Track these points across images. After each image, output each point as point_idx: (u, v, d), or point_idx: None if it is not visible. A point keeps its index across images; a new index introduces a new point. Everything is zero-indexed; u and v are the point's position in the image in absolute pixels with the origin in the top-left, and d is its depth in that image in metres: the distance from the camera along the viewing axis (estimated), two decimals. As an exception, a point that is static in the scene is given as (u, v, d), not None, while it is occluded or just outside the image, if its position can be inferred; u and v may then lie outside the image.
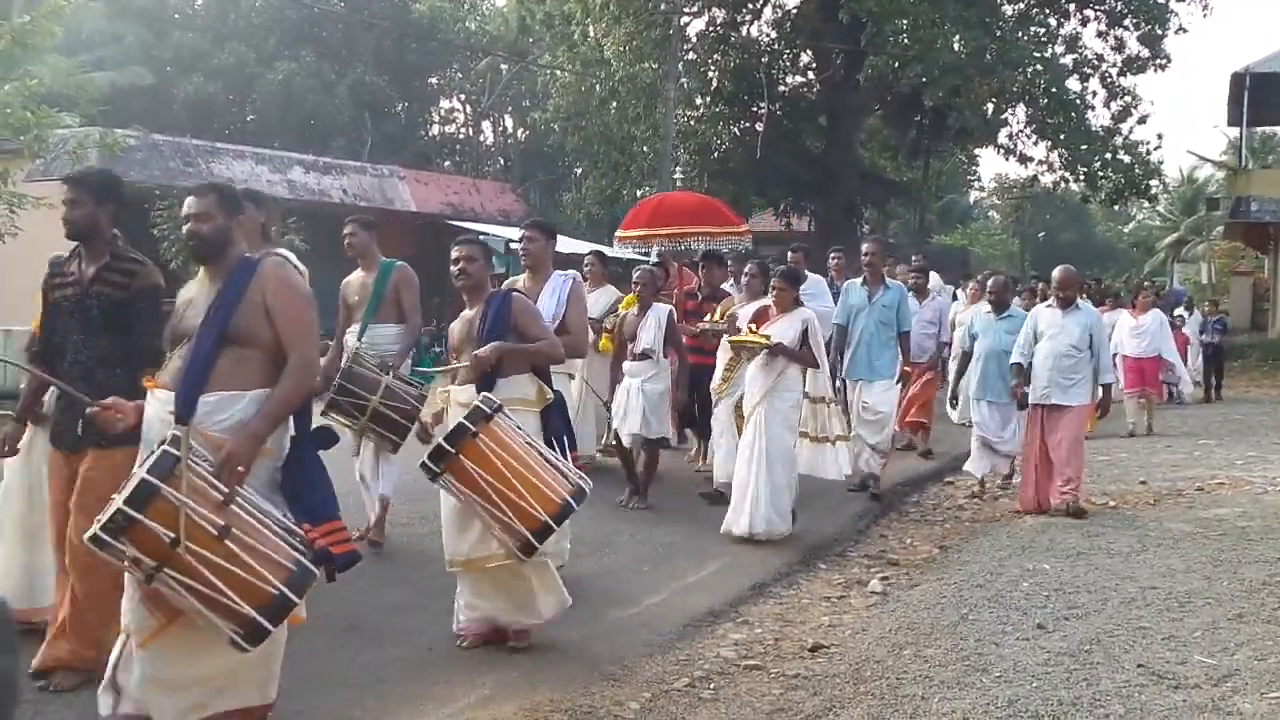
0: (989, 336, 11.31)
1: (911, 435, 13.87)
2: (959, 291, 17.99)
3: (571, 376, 9.94)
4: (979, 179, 57.51)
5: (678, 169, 28.16)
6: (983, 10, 27.51)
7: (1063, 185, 33.06)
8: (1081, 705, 5.23)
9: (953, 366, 13.45)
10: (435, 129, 49.26)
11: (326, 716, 5.31)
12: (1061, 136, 29.50)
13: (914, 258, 17.02)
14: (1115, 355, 15.49)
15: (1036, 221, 61.76)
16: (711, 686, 5.82)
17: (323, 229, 21.18)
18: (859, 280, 11.23)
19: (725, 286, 11.74)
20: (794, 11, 31.84)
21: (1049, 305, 10.45)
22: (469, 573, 6.24)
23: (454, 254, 6.49)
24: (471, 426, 5.77)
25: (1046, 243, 62.21)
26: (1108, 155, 29.63)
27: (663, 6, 29.21)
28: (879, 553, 9.06)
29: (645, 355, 9.99)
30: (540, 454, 5.95)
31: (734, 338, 9.53)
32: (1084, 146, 29.31)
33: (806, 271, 14.41)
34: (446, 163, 45.38)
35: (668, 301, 11.10)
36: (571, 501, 5.82)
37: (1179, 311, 23.16)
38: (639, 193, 32.36)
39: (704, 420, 11.06)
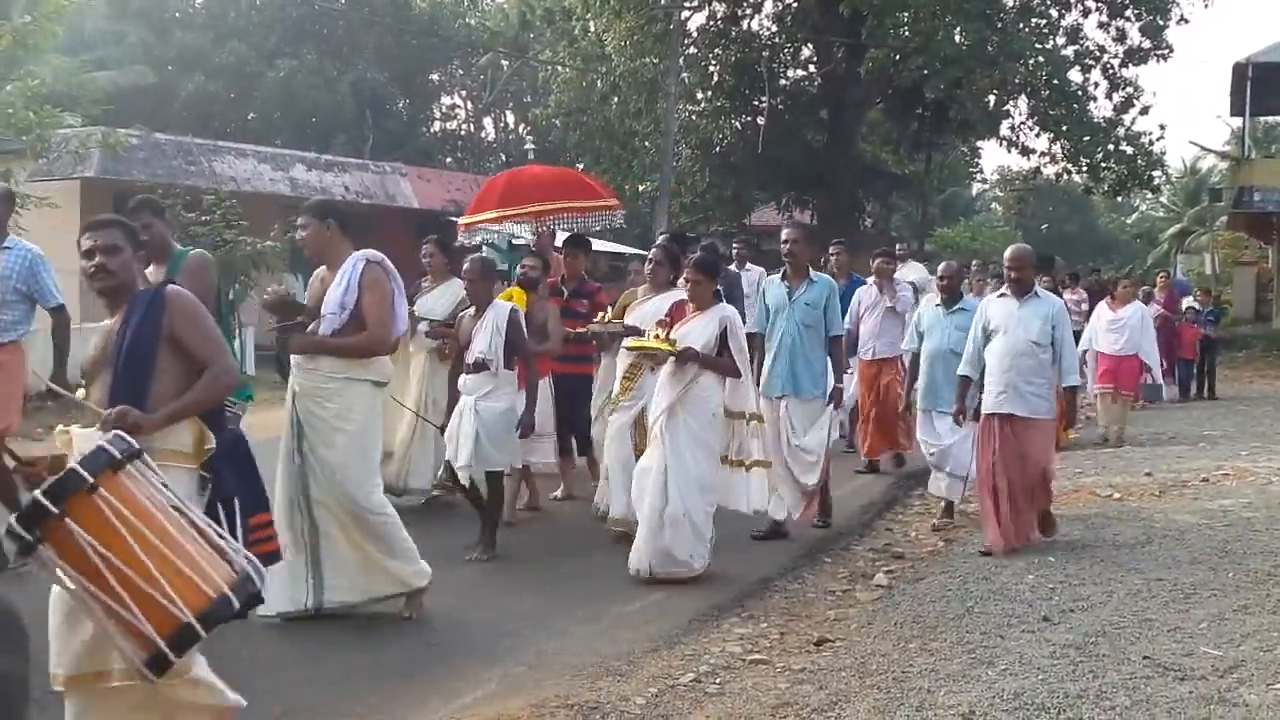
0: (937, 334, 9.79)
1: (874, 459, 11.98)
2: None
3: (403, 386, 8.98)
4: (981, 171, 57.27)
5: (678, 163, 28.20)
6: (984, 2, 27.48)
7: (1065, 177, 33.08)
8: (1088, 697, 5.22)
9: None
10: (437, 125, 49.27)
11: (331, 712, 5.31)
12: (1064, 128, 29.49)
13: (899, 247, 16.65)
14: (1087, 353, 14.53)
15: (1039, 213, 61.58)
16: (717, 681, 5.82)
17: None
18: (778, 275, 9.46)
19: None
20: (795, 5, 31.82)
21: (1001, 295, 8.70)
22: (75, 694, 4.16)
23: (84, 243, 4.67)
24: (87, 476, 3.72)
25: (1049, 234, 62.11)
26: (1110, 146, 29.63)
27: (663, 1, 29.18)
28: (884, 546, 9.05)
29: (481, 366, 8.10)
30: (193, 525, 3.92)
31: (633, 342, 8.10)
32: (1086, 138, 29.32)
33: (750, 264, 13.79)
34: (448, 159, 45.36)
35: (561, 298, 9.79)
36: (230, 597, 3.77)
37: (1189, 303, 22.03)
38: (641, 188, 32.36)
39: (579, 444, 9.98)
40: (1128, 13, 29.80)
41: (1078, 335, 12.70)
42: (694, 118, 32.56)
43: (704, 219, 32.27)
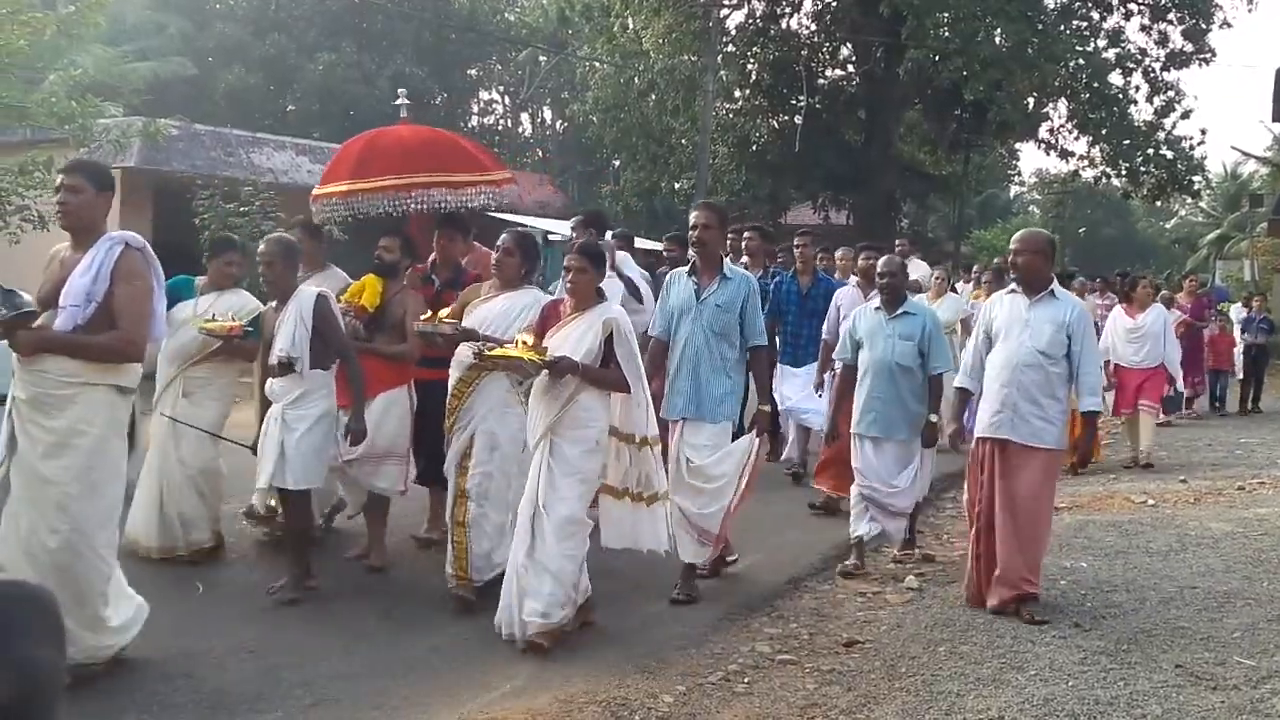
0: (878, 344, 8.15)
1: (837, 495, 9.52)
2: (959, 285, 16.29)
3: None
4: (1019, 174, 57.22)
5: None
6: (1025, 4, 27.29)
7: (1104, 180, 32.85)
8: (1118, 705, 5.20)
9: None
10: (474, 120, 49.38)
11: (363, 705, 5.34)
12: (1103, 131, 29.30)
13: (898, 244, 16.09)
14: (1107, 364, 12.65)
15: (1077, 217, 61.30)
16: (746, 680, 5.82)
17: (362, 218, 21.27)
18: (684, 269, 7.61)
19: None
20: (834, 4, 31.71)
21: (1010, 291, 7.14)
22: None
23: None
24: None
25: (1087, 238, 61.78)
26: (1150, 150, 29.43)
27: (702, -1, 29.19)
28: (915, 549, 9.02)
29: (286, 366, 6.78)
30: None
31: (493, 352, 6.36)
32: (1126, 141, 29.13)
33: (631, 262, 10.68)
34: (485, 154, 45.45)
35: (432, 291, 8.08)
36: None
37: (1240, 311, 20.81)
38: (676, 185, 32.34)
39: (426, 467, 7.74)
40: (1170, 16, 29.58)
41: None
42: (731, 116, 32.52)
43: (739, 217, 32.22)
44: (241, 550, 7.95)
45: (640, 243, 16.78)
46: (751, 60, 32.06)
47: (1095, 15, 30.02)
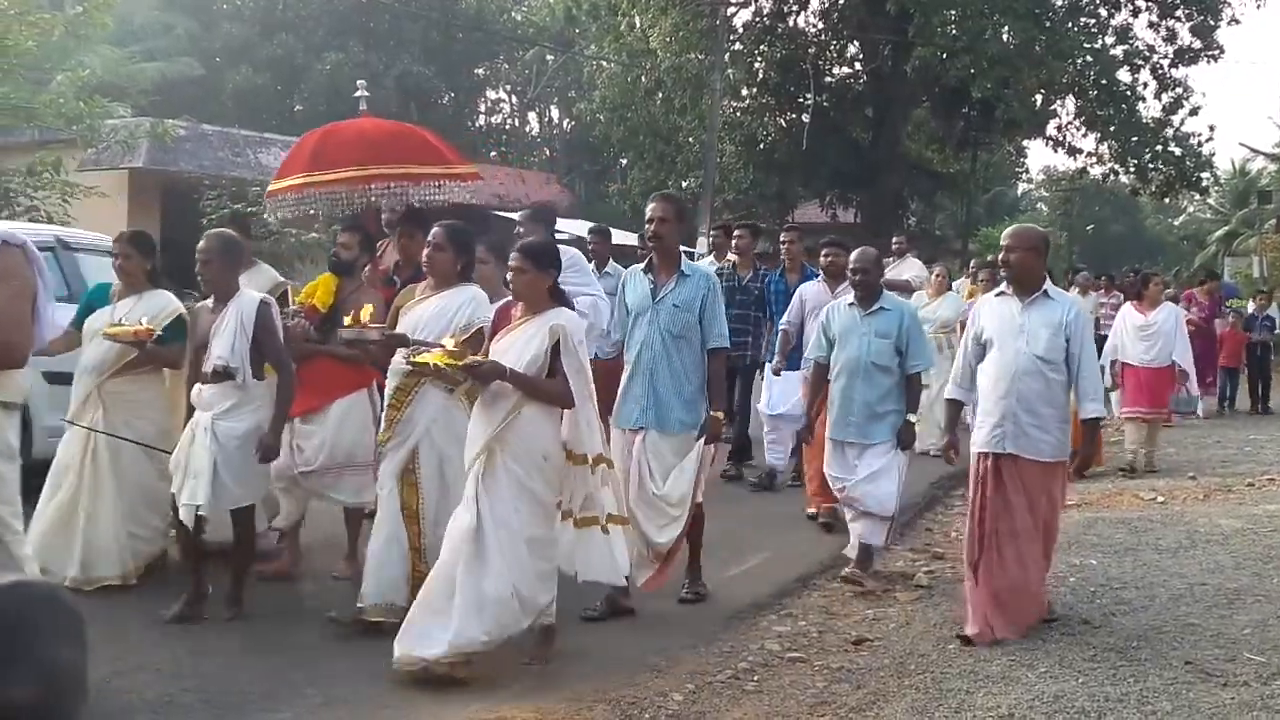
0: (852, 342, 7.71)
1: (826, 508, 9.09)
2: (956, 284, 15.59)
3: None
4: (1027, 171, 56.98)
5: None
6: (1032, 1, 27.26)
7: (1112, 178, 32.80)
8: (1128, 702, 5.20)
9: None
10: (481, 119, 49.43)
11: (370, 704, 5.34)
12: (1111, 128, 29.24)
13: (895, 240, 15.73)
14: (1113, 364, 12.29)
15: (1085, 214, 61.21)
16: (755, 679, 5.82)
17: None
18: (640, 266, 7.16)
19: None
20: (841, 2, 31.68)
21: (1000, 293, 6.71)
22: None
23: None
24: None
25: (1095, 235, 61.68)
26: (1158, 147, 29.36)
27: (709, -3, 29.18)
28: (924, 545, 9.01)
29: (222, 374, 6.36)
30: None
31: (417, 358, 5.76)
32: (1134, 138, 29.07)
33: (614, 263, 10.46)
34: (492, 153, 45.50)
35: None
36: None
37: (1247, 308, 20.13)
38: (684, 184, 32.35)
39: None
40: (1178, 13, 29.50)
41: (1101, 344, 11.88)
42: (738, 114, 32.50)
43: (747, 216, 32.21)
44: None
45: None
46: (759, 58, 32.04)
47: (1103, 12, 29.96)
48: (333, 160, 8.53)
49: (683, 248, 10.93)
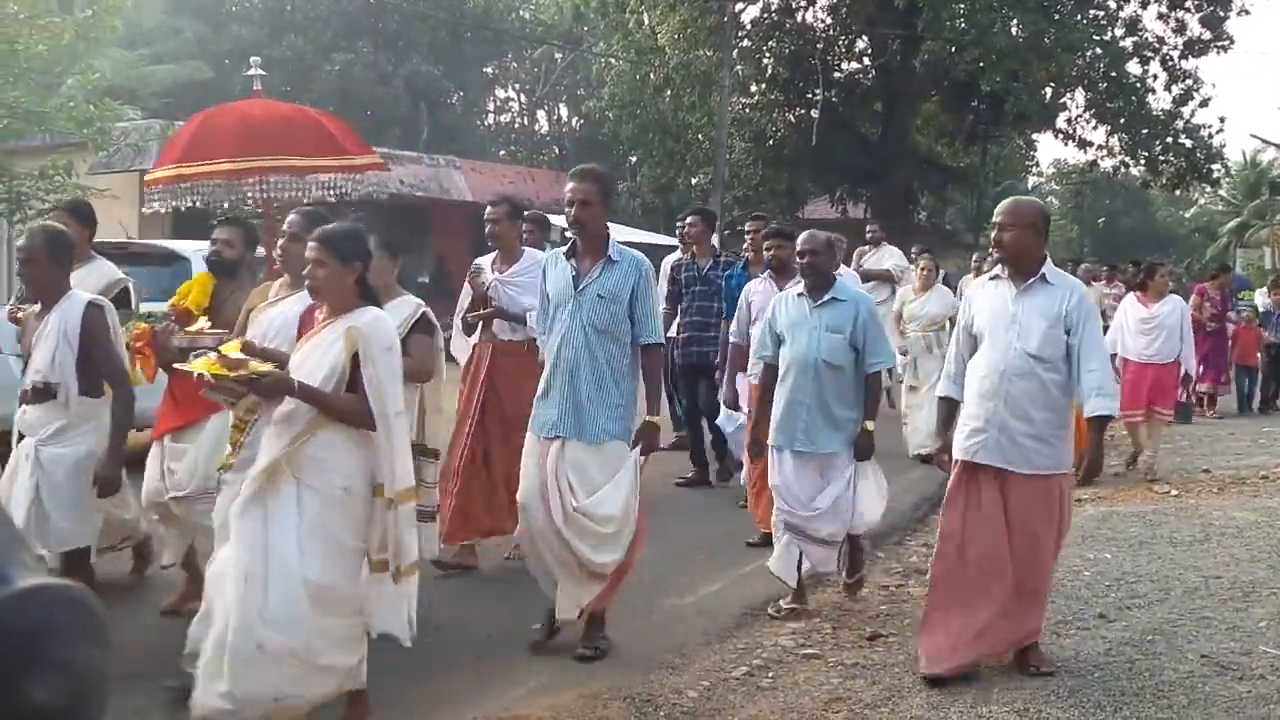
0: (801, 337, 6.78)
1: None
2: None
3: None
4: (1037, 164, 56.85)
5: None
6: (1041, -7, 27.22)
7: (1123, 170, 32.70)
8: (1144, 696, 5.20)
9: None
10: (491, 119, 49.45)
11: (386, 701, 5.35)
12: (1121, 121, 29.14)
13: (869, 229, 15.13)
14: (1112, 359, 10.90)
15: (1096, 207, 61.11)
16: (770, 675, 5.82)
17: (380, 218, 21.26)
18: (562, 250, 6.23)
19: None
20: (850, -3, 31.68)
21: (994, 277, 5.91)
22: None
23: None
24: None
25: (1106, 228, 61.57)
26: (1169, 139, 29.26)
27: (717, -6, 29.15)
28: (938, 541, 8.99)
29: (43, 392, 5.69)
30: None
31: (187, 364, 4.82)
32: (1144, 131, 28.97)
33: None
34: (501, 152, 45.55)
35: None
36: None
37: (1262, 303, 19.26)
38: (694, 180, 32.33)
39: None
40: (1188, 3, 29.41)
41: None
42: (747, 111, 32.46)
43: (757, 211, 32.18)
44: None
45: (659, 238, 16.70)
46: (767, 54, 31.99)
47: (1112, 4, 29.85)
48: (207, 150, 7.83)
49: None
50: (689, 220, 10.91)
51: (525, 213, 8.20)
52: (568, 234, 6.27)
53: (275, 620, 4.45)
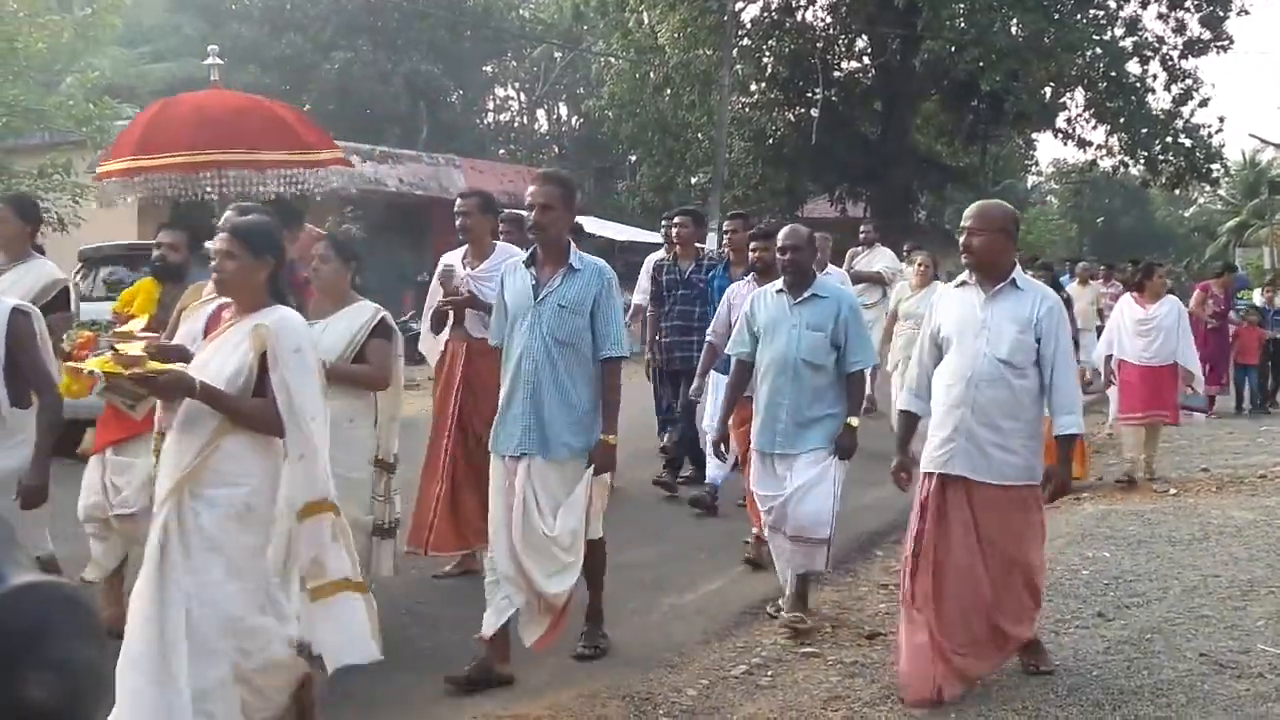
0: (780, 336, 6.55)
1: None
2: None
3: None
4: (1037, 164, 56.92)
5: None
6: (1041, -7, 27.22)
7: (1122, 170, 32.70)
8: (1143, 694, 5.20)
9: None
10: (490, 117, 49.45)
11: (385, 700, 5.36)
12: (1121, 120, 29.15)
13: (862, 229, 14.95)
14: (1108, 360, 11.23)
15: (1095, 206, 61.11)
16: (769, 674, 5.82)
17: (379, 217, 21.29)
18: (522, 258, 5.99)
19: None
20: (849, -4, 31.68)
21: (961, 283, 5.75)
22: None
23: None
24: None
25: (1105, 228, 61.57)
26: (1168, 139, 29.27)
27: (717, -7, 29.14)
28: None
29: None
30: None
31: (81, 362, 4.77)
32: (1144, 130, 28.97)
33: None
34: (501, 151, 45.54)
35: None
36: None
37: (1259, 301, 18.97)
38: (693, 180, 32.30)
39: None
40: (1187, 3, 29.41)
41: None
42: (747, 110, 32.46)
43: (756, 211, 32.19)
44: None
45: (658, 238, 16.62)
46: (767, 54, 31.98)
47: (1112, 3, 29.84)
48: (161, 143, 7.51)
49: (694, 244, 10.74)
50: (680, 221, 10.72)
51: (505, 211, 8.11)
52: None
53: (182, 660, 4.01)
